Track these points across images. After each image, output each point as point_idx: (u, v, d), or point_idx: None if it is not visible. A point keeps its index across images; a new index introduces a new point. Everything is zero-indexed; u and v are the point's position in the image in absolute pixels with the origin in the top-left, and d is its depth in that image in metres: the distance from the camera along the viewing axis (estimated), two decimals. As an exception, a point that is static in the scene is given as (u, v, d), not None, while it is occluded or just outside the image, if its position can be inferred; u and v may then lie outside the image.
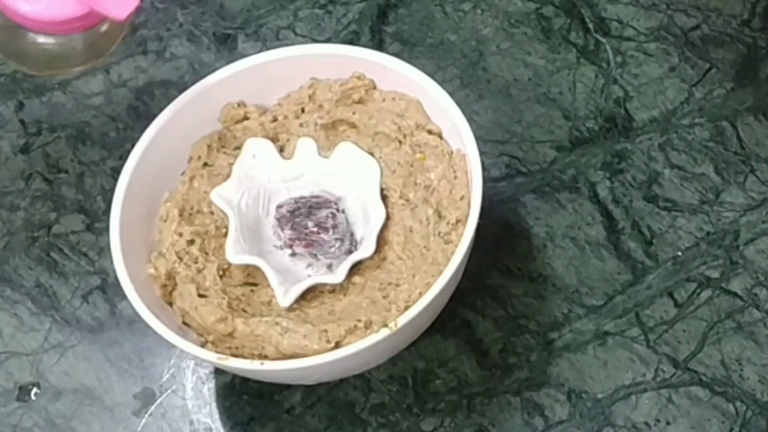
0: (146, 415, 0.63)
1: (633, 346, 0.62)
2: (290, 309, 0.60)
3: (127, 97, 0.74)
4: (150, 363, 0.64)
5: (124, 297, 0.58)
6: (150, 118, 0.64)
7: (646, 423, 0.60)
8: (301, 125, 0.65)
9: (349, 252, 0.62)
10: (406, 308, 0.56)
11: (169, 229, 0.62)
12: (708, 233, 0.65)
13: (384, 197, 0.63)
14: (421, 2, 0.76)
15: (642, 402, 0.60)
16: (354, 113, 0.64)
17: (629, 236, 0.65)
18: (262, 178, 0.64)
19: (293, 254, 0.63)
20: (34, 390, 0.64)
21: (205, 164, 0.65)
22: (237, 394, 0.63)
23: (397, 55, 0.66)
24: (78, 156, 0.72)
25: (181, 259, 0.61)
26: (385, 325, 0.56)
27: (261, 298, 0.61)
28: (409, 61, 0.63)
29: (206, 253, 0.62)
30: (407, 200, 0.63)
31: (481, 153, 0.59)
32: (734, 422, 0.59)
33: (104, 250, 0.67)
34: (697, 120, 0.69)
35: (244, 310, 0.60)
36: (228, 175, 0.64)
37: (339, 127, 0.65)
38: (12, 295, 0.68)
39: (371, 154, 0.64)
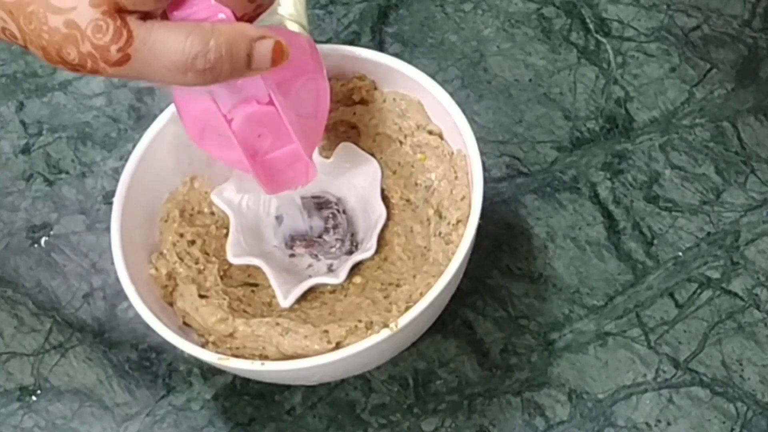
0: (147, 416, 0.63)
1: (634, 346, 0.62)
2: (291, 309, 0.60)
3: (127, 98, 0.74)
4: (150, 363, 0.64)
5: (124, 297, 0.58)
6: (151, 118, 0.64)
7: (647, 423, 0.60)
8: (301, 126, 0.65)
9: (350, 252, 0.62)
10: (407, 308, 0.56)
11: (169, 229, 0.62)
12: (709, 233, 0.65)
13: (385, 198, 0.63)
14: (422, 3, 0.76)
15: (643, 402, 0.60)
16: (355, 114, 0.64)
17: (630, 237, 0.65)
18: (262, 179, 0.64)
19: (294, 255, 0.63)
20: (35, 391, 0.64)
21: (206, 164, 0.65)
22: (238, 394, 0.63)
23: (397, 55, 0.66)
24: (79, 156, 0.72)
25: (181, 259, 0.61)
26: (386, 326, 0.56)
27: (262, 298, 0.61)
28: (409, 61, 0.63)
29: (207, 254, 0.62)
30: (408, 201, 0.63)
31: (482, 153, 0.59)
32: (735, 423, 0.59)
33: (105, 250, 0.67)
34: (697, 120, 0.69)
35: (244, 311, 0.60)
36: (229, 176, 0.64)
37: (340, 128, 0.65)
38: (13, 296, 0.68)
39: (372, 154, 0.64)
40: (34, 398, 0.64)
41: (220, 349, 0.58)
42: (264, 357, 0.58)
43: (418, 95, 0.63)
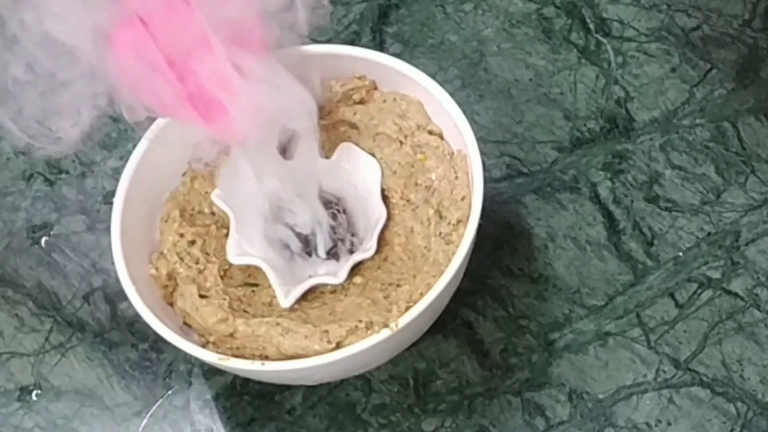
0: (147, 416, 0.63)
1: (634, 346, 0.62)
2: (291, 309, 0.60)
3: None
4: (151, 363, 0.64)
5: (125, 298, 0.58)
6: (151, 118, 0.64)
7: (647, 423, 0.60)
8: (302, 126, 0.65)
9: (350, 252, 0.62)
10: (407, 309, 0.56)
11: (170, 229, 0.62)
12: (709, 233, 0.65)
13: (385, 198, 0.63)
14: (422, 3, 0.76)
15: (643, 402, 0.60)
16: (355, 114, 0.64)
17: (630, 237, 0.65)
18: (263, 179, 0.64)
19: (294, 255, 0.63)
20: (35, 391, 0.64)
21: (206, 164, 0.64)
22: (238, 394, 0.63)
23: (397, 55, 0.66)
24: (79, 156, 0.72)
25: (182, 259, 0.61)
26: (386, 326, 0.56)
27: (262, 298, 0.61)
28: (409, 61, 0.63)
29: (207, 254, 0.62)
30: (408, 201, 0.63)
31: (482, 153, 0.59)
32: (735, 423, 0.59)
33: (105, 250, 0.67)
34: (698, 120, 0.69)
35: (245, 311, 0.60)
36: (229, 176, 0.64)
37: (340, 128, 0.65)
38: (13, 296, 0.68)
39: (372, 154, 0.64)
40: (34, 398, 0.64)
41: (221, 349, 0.58)
42: (264, 357, 0.58)
43: (418, 95, 0.63)
